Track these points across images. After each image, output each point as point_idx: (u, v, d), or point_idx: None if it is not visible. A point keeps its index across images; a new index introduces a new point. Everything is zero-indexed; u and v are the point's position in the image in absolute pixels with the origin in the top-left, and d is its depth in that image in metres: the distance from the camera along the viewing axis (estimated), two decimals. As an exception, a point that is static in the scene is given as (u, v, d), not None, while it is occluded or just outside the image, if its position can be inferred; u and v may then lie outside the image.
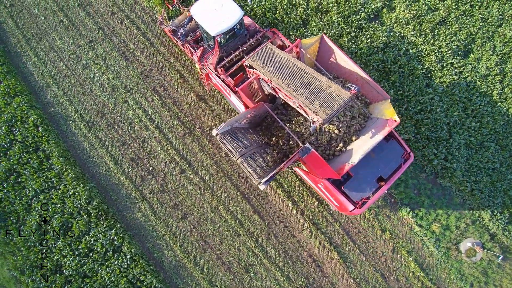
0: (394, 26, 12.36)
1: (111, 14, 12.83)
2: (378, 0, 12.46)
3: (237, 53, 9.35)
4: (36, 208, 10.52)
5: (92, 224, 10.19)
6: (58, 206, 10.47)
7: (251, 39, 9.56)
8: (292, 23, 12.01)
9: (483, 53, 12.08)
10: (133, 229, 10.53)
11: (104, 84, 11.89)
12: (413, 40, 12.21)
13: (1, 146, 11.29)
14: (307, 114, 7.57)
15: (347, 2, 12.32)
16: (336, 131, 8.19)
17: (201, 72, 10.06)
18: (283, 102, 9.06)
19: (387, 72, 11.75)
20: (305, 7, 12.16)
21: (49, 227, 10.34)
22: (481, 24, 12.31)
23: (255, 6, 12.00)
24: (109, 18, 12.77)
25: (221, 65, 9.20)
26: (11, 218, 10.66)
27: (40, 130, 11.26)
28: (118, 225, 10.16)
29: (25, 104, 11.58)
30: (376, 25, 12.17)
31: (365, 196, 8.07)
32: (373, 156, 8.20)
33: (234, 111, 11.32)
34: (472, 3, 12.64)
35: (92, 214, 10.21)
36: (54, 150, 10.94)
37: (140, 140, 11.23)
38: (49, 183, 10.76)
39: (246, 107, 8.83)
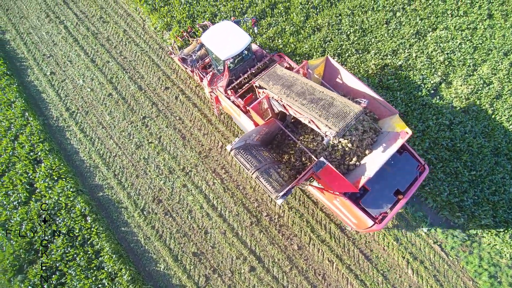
0: (454, 101, 12.09)
1: (164, 88, 12.16)
2: (436, 75, 12.30)
3: (245, 75, 9.78)
4: (83, 319, 8.90)
5: None
6: (110, 316, 8.90)
7: (258, 63, 10.03)
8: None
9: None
10: None
11: (159, 166, 10.85)
12: (475, 115, 11.88)
13: (42, 238, 9.85)
14: (319, 129, 7.61)
15: (407, 78, 12.08)
16: (349, 145, 8.19)
17: (211, 95, 10.41)
18: (293, 120, 9.24)
19: (457, 151, 11.20)
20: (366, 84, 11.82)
21: None
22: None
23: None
24: (162, 93, 12.09)
25: (230, 87, 9.57)
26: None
27: (89, 221, 9.93)
28: None
29: (71, 189, 10.34)
30: (438, 101, 11.86)
31: (384, 210, 7.81)
32: (389, 170, 8.14)
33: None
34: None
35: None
36: (105, 245, 9.55)
37: (202, 231, 9.99)
38: (99, 286, 9.23)
39: (257, 125, 9.00)
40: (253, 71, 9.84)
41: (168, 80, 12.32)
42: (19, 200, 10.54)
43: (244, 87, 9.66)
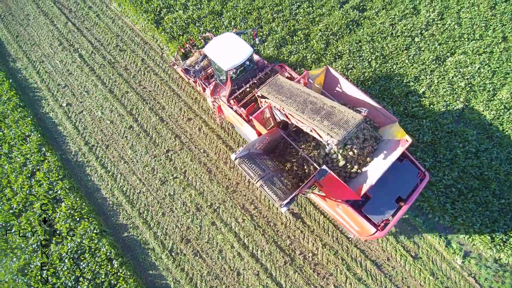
0: (478, 127, 11.98)
1: (187, 120, 11.78)
2: (458, 101, 12.21)
3: (248, 85, 9.83)
4: None
5: None
6: None
7: (260, 73, 10.10)
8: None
9: None
10: None
11: (186, 202, 10.40)
12: (499, 141, 11.78)
13: (65, 285, 9.25)
14: (321, 137, 7.64)
15: (431, 105, 11.94)
16: (350, 153, 8.22)
17: (213, 105, 10.46)
18: (294, 129, 9.37)
19: (485, 179, 11.02)
20: (392, 112, 11.64)
21: None
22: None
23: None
24: (185, 124, 11.70)
25: (233, 97, 9.60)
26: None
27: (115, 265, 9.38)
28: None
29: (94, 231, 9.80)
30: (463, 128, 11.73)
31: (386, 217, 7.83)
32: (390, 178, 8.11)
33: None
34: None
35: None
36: (133, 291, 9.01)
37: (234, 273, 9.52)
38: (129, 337, 8.66)
39: (259, 134, 9.01)
40: (255, 81, 9.97)
41: (190, 111, 11.95)
42: (39, 243, 9.94)
43: (246, 97, 9.73)
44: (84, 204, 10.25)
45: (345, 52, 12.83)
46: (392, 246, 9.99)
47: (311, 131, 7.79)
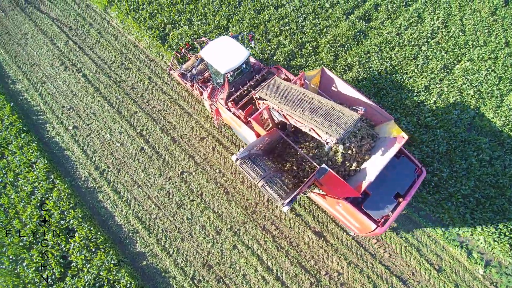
0: (489, 134, 11.99)
1: (199, 139, 11.43)
2: (469, 109, 12.20)
3: (245, 88, 9.88)
4: None
5: None
6: None
7: (257, 75, 10.17)
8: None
9: None
10: None
11: (205, 226, 10.04)
12: (511, 148, 11.80)
13: (84, 321, 8.79)
14: (319, 136, 7.72)
15: (444, 114, 11.90)
16: (349, 151, 8.31)
17: (211, 108, 10.51)
18: (292, 129, 9.52)
19: (500, 187, 11.01)
20: (406, 123, 11.55)
21: None
22: None
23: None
24: (198, 144, 11.35)
25: (231, 99, 9.64)
26: None
27: (136, 297, 8.97)
28: None
29: (112, 261, 9.35)
30: (476, 136, 11.71)
31: (385, 213, 7.94)
32: (388, 175, 8.29)
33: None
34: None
35: None
36: (157, 324, 8.61)
37: (260, 298, 9.22)
38: None
39: (258, 136, 9.05)
40: (252, 83, 10.00)
41: (202, 130, 11.60)
42: (53, 277, 9.44)
43: (244, 99, 9.77)
44: (99, 233, 9.79)
45: (354, 63, 12.69)
46: (416, 260, 9.86)
47: (310, 130, 7.86)
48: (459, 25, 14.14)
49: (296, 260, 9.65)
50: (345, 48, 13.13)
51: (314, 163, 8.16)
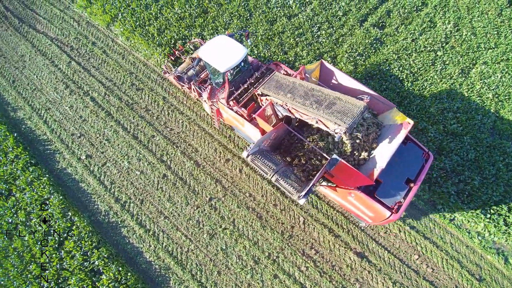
0: (511, 137, 11.88)
1: (224, 161, 10.73)
2: (490, 113, 12.06)
3: (245, 85, 9.68)
4: None
5: None
6: None
7: (256, 72, 9.97)
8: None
9: None
10: None
11: (241, 256, 9.37)
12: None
13: None
14: (327, 128, 7.63)
15: (467, 120, 11.69)
16: (357, 141, 8.19)
17: (212, 109, 10.25)
18: (297, 124, 9.41)
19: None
20: (433, 132, 11.26)
21: None
22: None
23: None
24: (223, 166, 10.64)
25: (232, 98, 9.44)
26: None
27: None
28: None
29: (146, 303, 8.56)
30: (500, 140, 11.57)
31: (398, 199, 7.91)
32: (397, 161, 8.26)
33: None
34: None
35: None
36: None
37: (308, 329, 8.65)
38: None
39: (263, 132, 8.89)
40: (252, 81, 9.83)
41: (226, 151, 10.90)
42: (82, 326, 8.55)
43: (245, 96, 9.59)
44: (129, 273, 8.95)
45: (375, 72, 12.31)
46: (458, 272, 9.57)
47: (317, 122, 7.71)
48: (470, 28, 14.02)
49: (341, 285, 9.14)
50: (364, 57, 12.73)
51: (325, 154, 8.03)
